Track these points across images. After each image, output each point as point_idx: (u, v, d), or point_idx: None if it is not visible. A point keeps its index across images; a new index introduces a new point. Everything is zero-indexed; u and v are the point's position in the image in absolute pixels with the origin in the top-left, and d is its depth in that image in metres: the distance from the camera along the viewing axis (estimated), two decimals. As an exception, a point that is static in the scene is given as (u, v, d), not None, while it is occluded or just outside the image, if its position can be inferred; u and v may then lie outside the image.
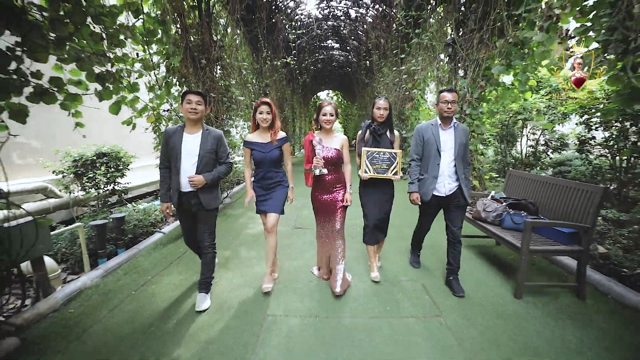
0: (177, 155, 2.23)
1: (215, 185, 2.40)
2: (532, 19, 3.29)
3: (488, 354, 1.86)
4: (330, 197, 2.57)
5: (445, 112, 2.46)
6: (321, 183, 2.57)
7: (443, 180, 2.52)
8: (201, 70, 4.72)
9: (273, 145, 2.49)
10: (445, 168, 2.51)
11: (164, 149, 2.33)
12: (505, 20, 3.86)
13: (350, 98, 23.96)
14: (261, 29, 7.72)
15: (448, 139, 2.51)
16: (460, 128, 2.54)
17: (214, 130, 2.39)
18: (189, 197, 2.29)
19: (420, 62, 6.32)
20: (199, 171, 2.26)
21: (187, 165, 2.25)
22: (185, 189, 2.27)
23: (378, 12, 9.61)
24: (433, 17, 6.30)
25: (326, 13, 11.01)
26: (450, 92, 2.46)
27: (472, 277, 2.82)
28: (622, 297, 2.40)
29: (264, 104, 2.44)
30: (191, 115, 2.23)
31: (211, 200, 2.34)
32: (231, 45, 6.01)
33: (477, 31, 4.43)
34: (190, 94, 2.24)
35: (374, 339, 2.00)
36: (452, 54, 5.25)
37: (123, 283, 2.75)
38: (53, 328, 2.12)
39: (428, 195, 2.54)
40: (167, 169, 2.35)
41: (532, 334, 2.03)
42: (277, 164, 2.55)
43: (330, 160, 2.49)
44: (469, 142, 3.13)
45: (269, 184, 2.54)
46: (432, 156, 2.53)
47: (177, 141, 2.25)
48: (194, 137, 2.28)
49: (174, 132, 2.29)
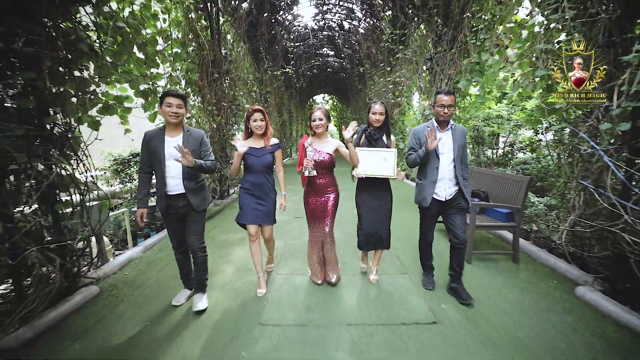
0: (161, 159, 2.17)
1: (203, 187, 2.38)
2: (486, 45, 4.10)
3: (444, 298, 2.61)
4: (321, 200, 2.58)
5: (442, 116, 2.35)
6: (313, 186, 2.58)
7: (443, 185, 2.42)
8: (213, 82, 5.47)
9: (266, 150, 2.53)
10: (445, 172, 2.40)
11: (144, 154, 2.25)
12: (469, 43, 4.68)
13: (345, 102, 24.81)
14: (262, 42, 8.52)
15: (446, 141, 2.41)
16: (458, 129, 2.44)
17: (195, 130, 2.32)
18: (177, 200, 2.24)
19: (405, 74, 7.15)
20: (184, 173, 2.22)
21: (172, 168, 2.19)
22: (173, 192, 2.22)
23: (369, 24, 10.46)
24: (416, 34, 7.13)
25: (321, 24, 11.83)
26: (448, 95, 2.32)
27: (437, 249, 3.58)
28: (547, 260, 3.19)
29: (257, 111, 2.47)
30: (172, 118, 2.16)
31: (200, 201, 2.32)
32: (237, 59, 6.77)
33: (448, 50, 5.25)
34: (170, 97, 2.15)
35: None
36: (431, 67, 6.07)
37: (161, 255, 3.48)
38: (118, 283, 2.84)
39: (427, 201, 2.44)
40: (147, 174, 2.29)
41: (475, 285, 2.78)
42: (269, 170, 2.57)
43: (322, 163, 2.49)
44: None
45: (260, 192, 2.53)
46: (429, 160, 2.42)
47: (159, 145, 2.18)
48: (176, 139, 2.22)
49: (154, 135, 2.22)
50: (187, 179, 2.23)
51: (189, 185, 2.24)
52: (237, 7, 7.02)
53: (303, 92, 19.23)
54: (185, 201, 2.25)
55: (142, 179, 2.30)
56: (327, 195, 2.59)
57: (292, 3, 9.76)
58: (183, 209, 2.27)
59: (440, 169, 2.40)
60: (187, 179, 2.24)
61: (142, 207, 2.27)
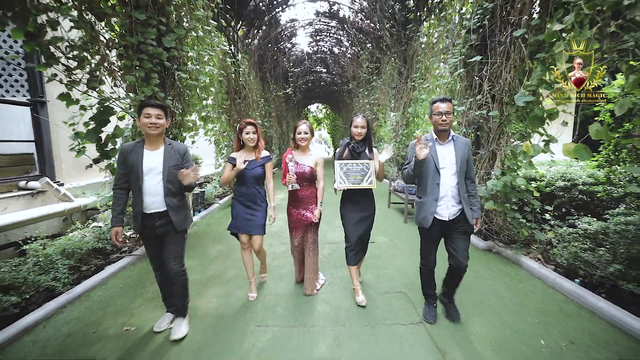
0: (138, 174, 2.03)
1: (185, 204, 2.25)
2: (422, 86, 6.28)
3: (404, 252, 4.65)
4: (304, 212, 2.66)
5: (440, 125, 2.16)
6: (296, 198, 2.67)
7: (446, 203, 2.19)
8: (236, 106, 7.52)
9: (257, 162, 2.57)
10: (448, 188, 2.18)
11: (120, 168, 2.11)
12: (415, 82, 6.86)
13: (337, 111, 27.07)
14: (268, 69, 10.64)
15: (447, 154, 2.20)
16: (460, 141, 2.23)
17: (177, 144, 2.20)
18: (154, 219, 2.09)
19: (379, 97, 9.33)
20: (165, 189, 2.08)
21: (151, 183, 2.05)
22: (150, 210, 2.07)
23: (354, 51, 12.69)
24: (388, 67, 9.34)
25: (315, 49, 14.05)
26: (445, 102, 2.15)
27: (389, 218, 5.65)
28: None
29: (250, 124, 2.51)
30: (151, 130, 2.02)
31: (182, 220, 2.18)
32: (251, 85, 8.86)
33: (404, 84, 7.43)
34: (148, 107, 2.01)
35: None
36: (396, 93, 8.24)
37: (211, 222, 5.48)
38: (193, 233, 4.83)
39: (428, 221, 2.20)
40: (123, 190, 2.14)
41: (411, 236, 4.83)
42: (259, 181, 2.62)
43: (303, 176, 2.58)
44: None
45: (250, 202, 2.60)
46: (430, 175, 2.19)
47: (137, 159, 2.04)
48: (156, 153, 2.09)
49: (131, 149, 2.08)
50: (169, 195, 2.09)
51: (171, 202, 2.10)
52: (250, 44, 9.15)
53: (299, 104, 21.42)
54: (165, 220, 2.10)
55: (117, 196, 2.13)
56: (309, 206, 2.66)
57: (292, 35, 11.95)
58: (161, 228, 2.11)
59: (441, 185, 2.17)
60: (170, 195, 2.10)
61: (116, 224, 2.11)
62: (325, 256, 3.78)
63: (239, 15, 7.78)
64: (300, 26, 11.53)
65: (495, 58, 3.71)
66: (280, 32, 11.01)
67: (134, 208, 2.10)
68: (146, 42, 3.38)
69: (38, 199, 4.05)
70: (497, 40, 3.69)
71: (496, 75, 3.71)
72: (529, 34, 3.18)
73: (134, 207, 2.10)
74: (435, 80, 5.58)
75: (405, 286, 3.02)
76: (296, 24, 11.36)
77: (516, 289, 2.92)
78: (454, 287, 2.41)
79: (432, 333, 2.29)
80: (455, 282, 2.38)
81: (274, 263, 3.58)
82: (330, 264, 3.56)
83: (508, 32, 3.51)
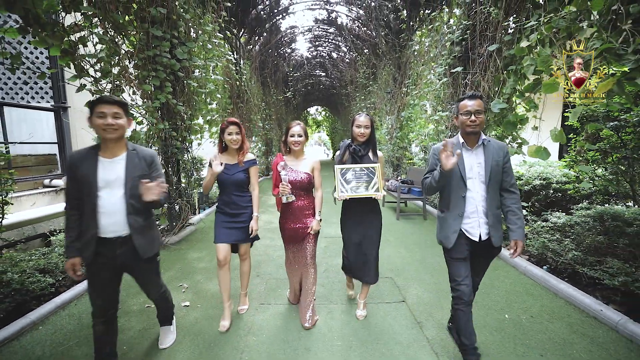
0: (92, 189, 1.60)
1: (153, 224, 1.87)
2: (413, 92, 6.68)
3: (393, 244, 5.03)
4: (300, 224, 2.32)
5: (469, 127, 1.79)
6: (290, 209, 2.32)
7: (477, 220, 1.83)
8: (239, 110, 7.91)
9: (239, 167, 2.30)
10: (477, 202, 1.83)
11: (71, 184, 1.66)
12: (408, 88, 7.25)
13: (336, 114, 27.51)
14: (269, 73, 11.06)
15: (475, 161, 1.84)
16: (493, 146, 1.85)
17: (143, 150, 1.79)
18: (114, 246, 1.67)
19: (375, 101, 9.73)
20: (127, 207, 1.66)
21: (108, 200, 1.63)
22: (108, 234, 1.64)
23: (352, 56, 13.11)
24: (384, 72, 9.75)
25: (314, 54, 14.49)
26: (473, 99, 1.78)
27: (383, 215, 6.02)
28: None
29: (233, 124, 2.25)
30: (108, 133, 1.59)
31: (149, 244, 1.78)
32: (252, 89, 9.26)
33: (399, 89, 7.83)
34: (101, 104, 1.57)
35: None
36: (390, 98, 8.64)
37: (218, 217, 5.85)
38: (200, 228, 5.20)
39: (450, 241, 1.86)
40: (78, 210, 1.66)
41: (401, 231, 5.20)
42: (242, 188, 2.34)
43: (299, 184, 2.26)
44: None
45: (233, 211, 2.31)
46: (454, 187, 1.86)
47: (90, 169, 1.61)
48: (115, 161, 1.67)
49: (83, 157, 1.64)
50: (133, 214, 1.69)
51: (135, 223, 1.69)
52: (251, 50, 9.56)
53: (299, 107, 21.85)
54: (127, 246, 1.70)
55: (71, 219, 1.68)
56: (306, 219, 2.32)
57: (291, 41, 12.38)
58: (122, 257, 1.71)
59: (468, 199, 1.83)
60: (134, 214, 1.69)
61: (72, 255, 1.67)
62: (322, 249, 4.14)
63: (241, 23, 8.20)
64: (299, 32, 11.98)
65: (475, 69, 4.10)
66: (280, 38, 11.45)
67: (86, 232, 1.64)
68: (161, 54, 3.77)
69: (61, 195, 4.43)
70: (477, 53, 4.09)
71: (476, 84, 4.10)
72: (503, 49, 3.57)
73: (86, 231, 1.64)
74: (425, 87, 5.98)
75: (392, 272, 3.40)
76: (296, 31, 11.81)
77: (491, 275, 3.28)
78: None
79: (412, 309, 2.66)
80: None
81: (276, 253, 3.96)
82: (325, 254, 3.93)
83: (485, 46, 3.90)
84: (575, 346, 2.17)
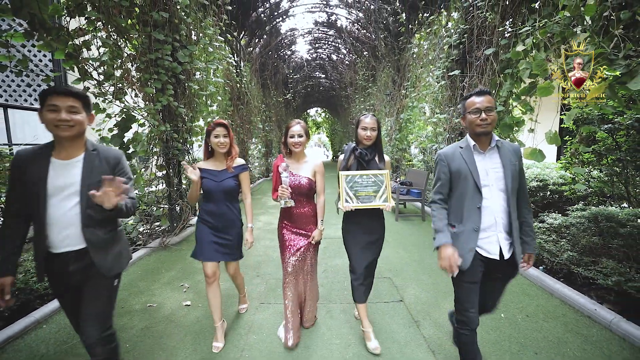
0: (40, 195, 1.34)
1: (117, 237, 1.56)
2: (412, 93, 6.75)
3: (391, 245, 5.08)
4: (300, 233, 2.15)
5: (479, 127, 1.56)
6: (290, 216, 2.15)
7: (496, 234, 1.58)
8: (239, 112, 7.97)
9: (229, 173, 2.08)
10: (496, 214, 1.57)
11: (14, 186, 1.40)
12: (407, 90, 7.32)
13: (335, 115, 27.61)
14: (269, 75, 11.13)
15: (490, 166, 1.60)
16: (507, 148, 1.63)
17: (106, 150, 1.51)
18: (66, 262, 1.40)
19: (374, 102, 9.80)
20: (83, 217, 1.39)
21: (59, 209, 1.36)
22: (59, 249, 1.38)
23: (351, 59, 13.19)
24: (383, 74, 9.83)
25: (314, 56, 14.57)
26: (482, 95, 1.57)
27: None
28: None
29: (220, 125, 2.03)
30: (61, 131, 1.33)
31: (112, 261, 1.49)
32: (252, 91, 9.32)
33: (397, 91, 7.90)
34: (53, 96, 1.31)
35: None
36: (390, 99, 8.71)
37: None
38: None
39: (467, 261, 1.57)
40: (17, 218, 1.41)
41: (400, 232, 5.24)
42: (231, 197, 2.12)
43: (299, 190, 2.08)
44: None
45: (221, 224, 2.08)
46: (467, 196, 1.60)
47: (40, 172, 1.35)
48: (71, 164, 1.40)
49: (32, 158, 1.37)
50: (90, 226, 1.42)
51: (93, 237, 1.42)
52: (251, 53, 9.63)
53: (299, 108, 21.93)
54: (84, 262, 1.43)
55: (11, 228, 1.41)
56: (306, 227, 2.16)
57: (291, 44, 12.46)
58: (78, 275, 1.44)
59: (485, 210, 1.58)
60: (92, 226, 1.42)
61: (5, 273, 1.38)
62: (321, 249, 4.18)
63: (242, 26, 8.27)
64: (299, 35, 12.06)
65: (472, 72, 4.16)
66: (280, 40, 11.53)
67: (35, 247, 1.40)
68: (163, 58, 3.83)
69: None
70: (474, 56, 4.15)
71: (473, 87, 4.16)
72: (499, 53, 3.63)
73: (35, 245, 1.40)
74: (424, 89, 6.04)
75: (390, 272, 3.44)
76: (296, 33, 11.89)
77: (488, 275, 3.33)
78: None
79: (410, 308, 2.71)
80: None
81: (276, 254, 4.00)
82: (325, 255, 3.97)
83: (482, 49, 3.96)
84: (570, 344, 2.21)
